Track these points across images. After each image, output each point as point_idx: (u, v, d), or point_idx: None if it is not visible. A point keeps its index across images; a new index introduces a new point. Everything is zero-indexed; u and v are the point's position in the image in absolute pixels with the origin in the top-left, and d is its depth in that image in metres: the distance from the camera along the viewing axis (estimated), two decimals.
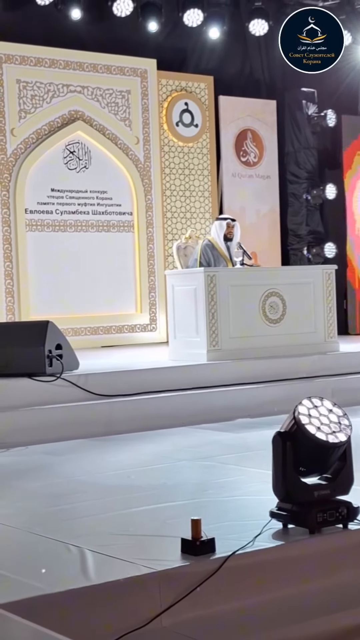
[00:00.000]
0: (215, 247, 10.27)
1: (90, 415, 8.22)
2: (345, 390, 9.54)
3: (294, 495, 4.46)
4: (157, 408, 8.58)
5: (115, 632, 3.70)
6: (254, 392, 9.26)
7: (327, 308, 10.41)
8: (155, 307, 12.96)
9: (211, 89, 13.71)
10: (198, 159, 13.56)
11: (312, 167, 14.39)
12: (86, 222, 12.53)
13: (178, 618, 3.88)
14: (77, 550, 4.36)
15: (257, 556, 4.23)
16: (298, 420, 4.34)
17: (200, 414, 8.67)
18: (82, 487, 6.00)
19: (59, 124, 12.39)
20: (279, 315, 10.08)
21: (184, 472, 6.51)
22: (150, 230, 13.00)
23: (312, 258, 14.18)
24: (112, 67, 12.79)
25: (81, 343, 11.40)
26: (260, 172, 14.12)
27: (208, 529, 4.22)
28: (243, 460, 6.71)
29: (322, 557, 4.39)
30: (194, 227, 13.17)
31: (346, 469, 4.51)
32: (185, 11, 12.91)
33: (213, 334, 9.60)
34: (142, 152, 12.98)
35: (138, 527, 4.86)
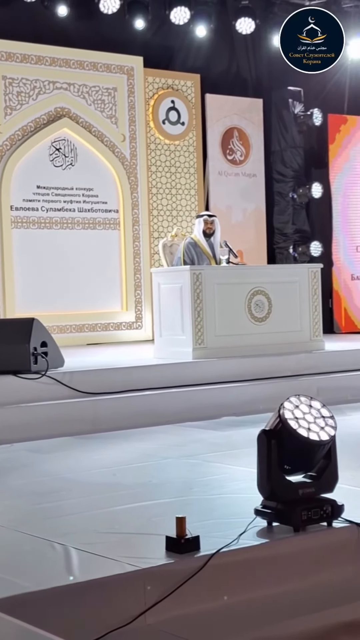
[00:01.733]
0: (197, 244, 10.27)
1: (76, 412, 8.21)
2: (331, 389, 9.56)
3: (279, 493, 4.46)
4: (142, 406, 8.57)
5: (99, 630, 3.69)
6: (240, 390, 9.26)
7: (312, 307, 10.43)
8: (141, 305, 12.95)
9: (198, 87, 13.71)
10: (184, 157, 13.56)
11: (299, 166, 14.41)
12: (72, 219, 12.52)
13: (162, 616, 3.88)
14: (61, 548, 4.35)
15: (242, 554, 4.23)
16: (283, 418, 4.35)
17: (185, 412, 8.67)
18: (67, 485, 5.99)
19: (45, 121, 12.37)
20: (264, 313, 10.09)
21: (169, 470, 6.51)
22: (136, 228, 12.99)
23: (298, 257, 14.21)
24: (98, 65, 12.77)
25: (66, 340, 11.38)
26: (247, 171, 14.12)
27: (193, 526, 4.22)
28: (228, 458, 6.71)
29: (306, 555, 4.40)
30: (180, 225, 13.17)
31: (331, 467, 4.52)
32: (172, 9, 12.91)
33: (199, 332, 9.61)
34: (128, 150, 12.97)
35: (123, 525, 4.86)
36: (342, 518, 4.53)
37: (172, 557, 4.11)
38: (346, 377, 10.08)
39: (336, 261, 14.25)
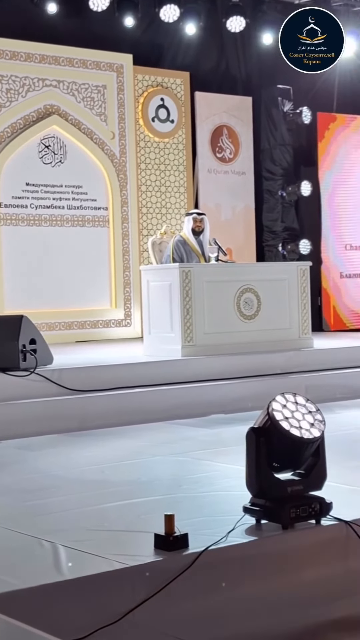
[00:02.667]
0: (187, 242, 10.27)
1: (65, 410, 8.21)
2: (319, 387, 9.58)
3: (267, 490, 4.47)
4: (131, 403, 8.58)
5: (88, 627, 3.70)
6: (229, 388, 9.27)
7: (301, 304, 10.44)
8: (130, 303, 12.95)
9: (187, 85, 13.71)
10: (174, 154, 13.56)
11: (288, 164, 14.42)
12: (61, 216, 12.51)
13: (151, 613, 3.88)
14: (50, 546, 4.36)
15: (230, 552, 4.24)
16: (272, 416, 4.35)
17: (174, 409, 8.68)
18: (56, 483, 6.00)
19: (34, 118, 12.36)
20: (253, 311, 10.10)
21: (158, 467, 6.52)
22: (125, 225, 12.99)
23: (287, 254, 14.22)
24: (88, 62, 12.76)
25: (55, 338, 11.37)
26: (236, 169, 14.13)
27: (182, 524, 4.23)
28: (217, 456, 6.72)
29: (295, 553, 4.41)
30: (170, 222, 13.16)
31: (319, 465, 4.53)
32: (162, 7, 12.89)
33: (188, 329, 9.61)
34: (117, 147, 12.96)
35: (112, 523, 4.86)
36: (330, 516, 4.55)
37: (160, 555, 4.11)
38: (335, 375, 10.10)
39: (325, 259, 14.27)
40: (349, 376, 10.16)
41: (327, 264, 14.31)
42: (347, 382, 10.02)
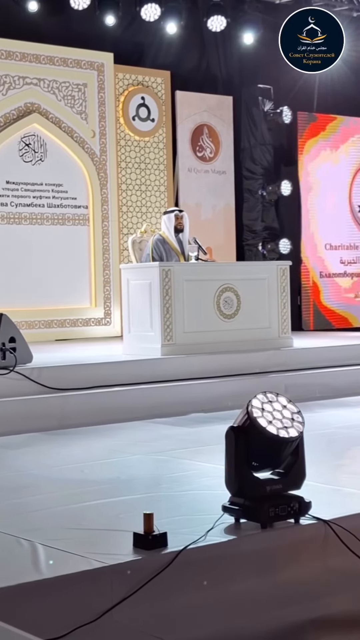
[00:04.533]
0: (166, 241, 10.28)
1: (44, 408, 8.20)
2: (299, 386, 9.61)
3: (246, 489, 4.47)
4: (110, 402, 8.57)
5: (67, 626, 3.69)
6: (208, 387, 9.28)
7: (281, 304, 10.46)
8: (109, 301, 12.94)
9: (168, 84, 13.71)
10: (154, 153, 13.56)
11: (268, 163, 14.44)
12: (41, 215, 12.48)
13: (130, 612, 3.88)
14: (28, 545, 4.35)
15: (209, 551, 4.24)
16: (251, 414, 4.36)
17: (154, 408, 8.68)
18: (35, 481, 5.99)
19: (15, 116, 12.33)
20: (233, 310, 10.11)
21: (137, 466, 6.52)
22: (105, 224, 12.97)
23: (267, 254, 14.25)
24: (68, 60, 12.74)
25: (35, 336, 11.35)
26: (216, 168, 14.14)
27: (161, 523, 4.23)
28: (196, 455, 6.72)
29: (273, 552, 4.42)
30: (150, 221, 13.16)
31: (298, 464, 4.54)
32: (143, 5, 12.88)
33: (167, 328, 9.62)
34: (98, 146, 12.95)
35: (90, 521, 4.86)
36: (309, 515, 4.55)
37: (139, 554, 4.11)
38: (314, 375, 10.13)
39: (305, 259, 14.31)
40: (328, 375, 10.19)
41: (307, 263, 14.34)
42: (326, 382, 10.04)
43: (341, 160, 14.79)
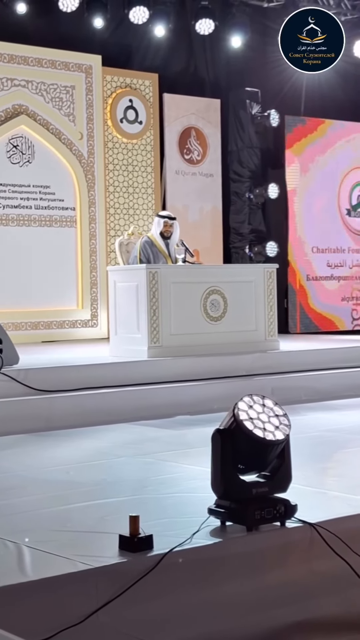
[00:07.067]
0: (154, 243, 10.27)
1: (30, 410, 8.18)
2: (285, 389, 9.61)
3: (232, 492, 4.47)
4: (97, 404, 8.56)
5: (51, 629, 3.69)
6: (194, 390, 9.28)
7: (268, 307, 10.46)
8: (96, 303, 12.94)
9: (156, 87, 13.72)
10: (142, 155, 13.56)
11: (255, 166, 14.47)
12: (28, 216, 12.48)
13: (115, 615, 3.88)
14: (14, 546, 4.34)
15: (195, 553, 4.24)
16: (237, 417, 4.36)
17: (140, 410, 8.67)
18: (21, 483, 5.98)
19: (3, 118, 12.32)
20: (220, 313, 10.12)
21: (123, 468, 6.52)
22: (92, 226, 12.97)
23: (253, 257, 14.27)
24: (56, 62, 12.74)
25: (22, 338, 11.34)
26: (204, 170, 14.15)
27: (146, 525, 4.23)
28: (182, 457, 6.72)
29: (259, 555, 4.41)
30: (137, 223, 13.17)
31: (284, 467, 4.54)
32: (131, 8, 12.90)
33: (154, 330, 9.61)
34: (85, 148, 12.95)
35: (76, 523, 4.85)
36: (295, 518, 4.55)
37: (125, 556, 4.11)
38: (300, 377, 10.13)
39: (292, 262, 14.33)
40: (315, 378, 10.20)
41: (294, 266, 14.36)
42: (312, 385, 10.05)
43: (329, 163, 14.83)
